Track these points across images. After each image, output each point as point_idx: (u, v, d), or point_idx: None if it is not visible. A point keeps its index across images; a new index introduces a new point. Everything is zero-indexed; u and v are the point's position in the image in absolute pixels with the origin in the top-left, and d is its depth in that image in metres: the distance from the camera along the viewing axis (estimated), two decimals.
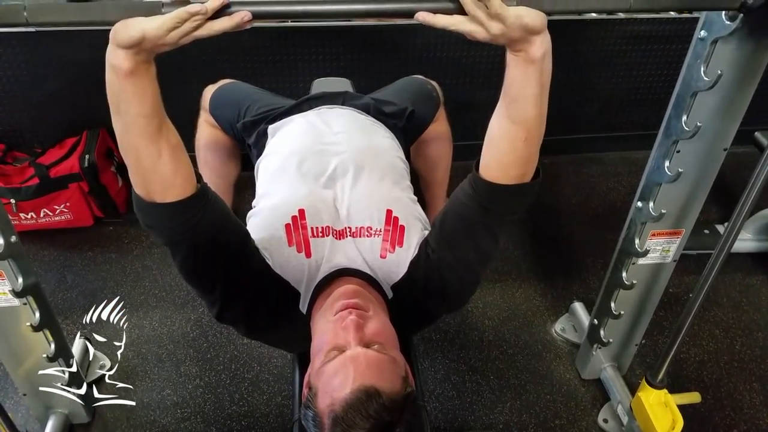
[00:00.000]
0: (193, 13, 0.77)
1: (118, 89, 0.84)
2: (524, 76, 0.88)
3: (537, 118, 0.93)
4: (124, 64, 0.80)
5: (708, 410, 1.66)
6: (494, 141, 0.97)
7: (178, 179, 0.91)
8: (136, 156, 0.89)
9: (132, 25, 0.77)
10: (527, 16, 0.80)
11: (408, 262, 1.09)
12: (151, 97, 0.86)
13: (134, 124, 0.86)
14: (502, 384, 1.71)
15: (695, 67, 1.10)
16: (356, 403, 0.84)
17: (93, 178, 2.04)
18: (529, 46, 0.84)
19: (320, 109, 1.42)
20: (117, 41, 0.78)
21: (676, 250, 1.40)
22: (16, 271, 1.20)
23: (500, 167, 0.97)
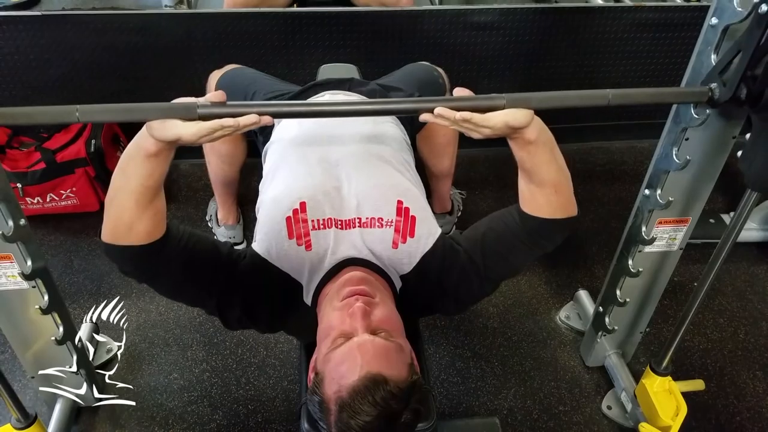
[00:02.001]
0: (226, 126, 0.85)
1: (134, 161, 0.90)
2: (529, 155, 0.97)
3: (558, 173, 1.01)
4: (151, 149, 0.87)
5: (711, 398, 1.67)
6: (527, 198, 1.04)
7: (147, 236, 0.96)
8: (119, 213, 0.94)
9: (169, 128, 0.84)
10: (513, 119, 0.89)
11: (420, 253, 1.10)
12: (160, 175, 0.92)
13: (134, 189, 0.91)
14: (506, 370, 1.72)
15: (706, 54, 1.09)
16: (363, 391, 0.85)
17: (99, 163, 2.05)
18: (522, 133, 0.93)
19: (325, 95, 1.42)
20: (152, 134, 0.86)
21: (683, 238, 1.40)
22: (25, 254, 1.20)
23: (541, 213, 1.04)
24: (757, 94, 0.99)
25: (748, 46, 0.96)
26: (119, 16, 2.00)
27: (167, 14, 2.07)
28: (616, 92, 0.97)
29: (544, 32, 2.17)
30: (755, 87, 0.98)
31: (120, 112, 0.89)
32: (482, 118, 0.88)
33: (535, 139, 0.93)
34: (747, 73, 0.98)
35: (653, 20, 2.24)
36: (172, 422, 1.56)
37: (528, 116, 0.90)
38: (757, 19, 0.93)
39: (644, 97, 1.10)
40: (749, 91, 0.99)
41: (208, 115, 0.85)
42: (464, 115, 0.88)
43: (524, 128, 0.91)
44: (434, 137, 1.75)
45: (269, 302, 1.11)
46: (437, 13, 2.12)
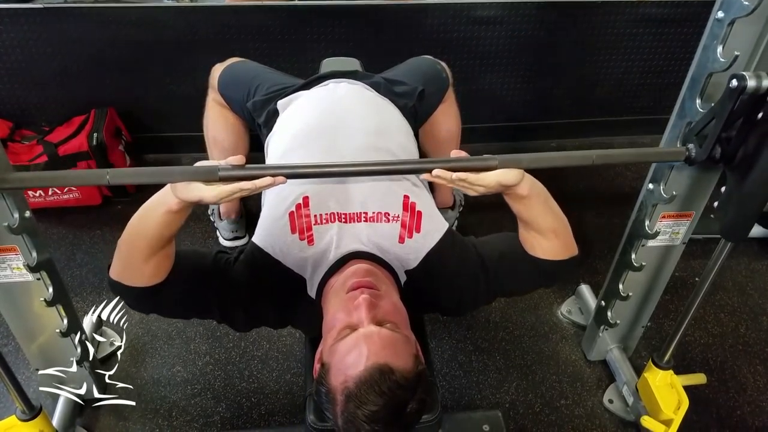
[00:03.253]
0: (245, 189, 0.92)
1: (154, 213, 0.96)
2: (524, 207, 1.04)
3: (555, 219, 1.07)
4: (173, 207, 0.94)
5: (712, 392, 1.68)
6: (531, 245, 1.09)
7: (151, 279, 1.02)
8: (131, 254, 0.99)
9: (192, 190, 0.91)
10: (505, 178, 0.96)
11: (426, 248, 1.10)
12: (177, 227, 0.99)
13: (149, 236, 0.97)
14: (508, 364, 1.73)
15: (711, 48, 1.09)
16: (370, 381, 0.85)
17: (101, 156, 2.05)
18: (514, 190, 0.99)
19: (328, 85, 1.42)
20: (177, 194, 0.92)
21: (686, 232, 1.40)
22: (31, 246, 1.21)
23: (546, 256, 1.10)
24: (730, 154, 1.09)
25: (722, 113, 1.06)
26: (121, 9, 1.99)
27: (170, 7, 2.06)
28: (600, 153, 1.07)
29: (546, 27, 2.17)
30: (729, 148, 1.08)
31: (147, 175, 0.98)
32: (477, 177, 0.95)
33: (527, 194, 1.01)
34: (721, 134, 1.07)
35: (656, 15, 2.25)
36: (175, 414, 1.57)
37: (519, 175, 0.97)
38: (729, 93, 1.03)
39: (626, 157, 1.26)
40: (723, 151, 1.09)
41: (229, 178, 0.92)
42: (460, 175, 0.95)
43: (516, 185, 0.98)
44: (437, 131, 1.75)
45: (272, 298, 1.11)
46: (440, 7, 2.11)
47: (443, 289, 1.14)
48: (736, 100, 1.02)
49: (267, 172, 0.93)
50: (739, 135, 1.06)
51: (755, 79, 0.98)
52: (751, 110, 1.03)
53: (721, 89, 1.05)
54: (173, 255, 1.04)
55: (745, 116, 1.04)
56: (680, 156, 1.15)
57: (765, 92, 0.99)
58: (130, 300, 1.06)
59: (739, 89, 1.00)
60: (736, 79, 1.00)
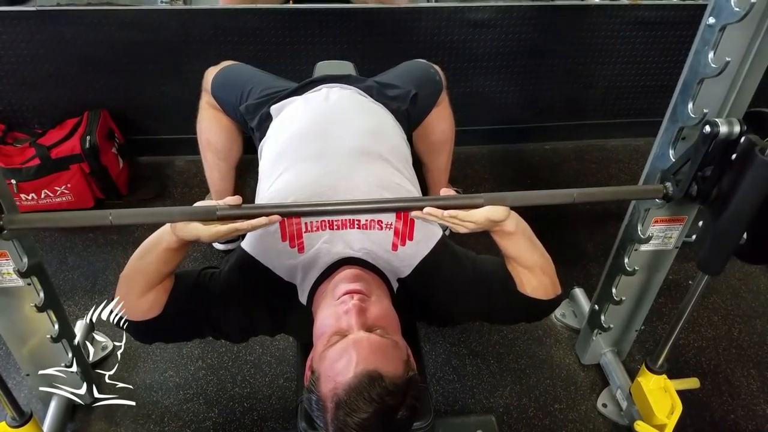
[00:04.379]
0: (240, 229, 0.98)
1: (154, 251, 1.01)
2: (511, 244, 1.08)
3: (540, 257, 1.12)
4: (173, 245, 0.99)
5: (706, 396, 1.68)
6: (521, 282, 1.13)
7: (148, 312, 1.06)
8: (128, 290, 1.04)
9: (191, 230, 0.96)
10: (493, 214, 1.01)
11: (420, 256, 1.11)
12: (175, 264, 1.04)
13: (148, 272, 1.02)
14: (502, 368, 1.72)
15: (703, 53, 1.09)
16: (359, 388, 0.85)
17: (94, 159, 2.03)
18: (502, 226, 1.04)
19: (321, 89, 1.41)
20: (176, 233, 0.97)
21: (678, 236, 1.40)
22: (21, 252, 1.20)
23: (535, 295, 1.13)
24: (706, 192, 1.15)
25: (696, 156, 1.13)
26: (114, 11, 1.98)
27: (163, 10, 2.06)
28: (581, 191, 1.15)
29: (540, 30, 2.17)
30: (704, 186, 1.15)
31: (148, 216, 1.05)
32: (466, 214, 1.00)
33: (514, 230, 1.05)
34: (697, 173, 1.14)
35: (649, 18, 2.25)
36: (167, 420, 1.56)
37: (505, 212, 1.02)
38: (702, 138, 1.10)
39: (606, 195, 1.29)
40: (699, 189, 1.16)
41: (226, 217, 0.97)
42: (451, 212, 1.00)
43: (503, 222, 1.02)
44: (431, 134, 1.75)
45: (263, 306, 1.11)
46: (434, 10, 2.11)
47: (435, 299, 1.13)
48: (710, 145, 1.09)
49: (263, 211, 0.99)
50: (713, 175, 1.13)
51: (727, 125, 1.06)
52: (723, 152, 1.10)
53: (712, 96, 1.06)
54: (170, 289, 1.07)
55: (719, 158, 1.11)
56: (658, 194, 1.21)
57: (736, 137, 1.07)
58: (131, 332, 1.10)
59: (712, 135, 1.08)
60: (709, 125, 1.07)
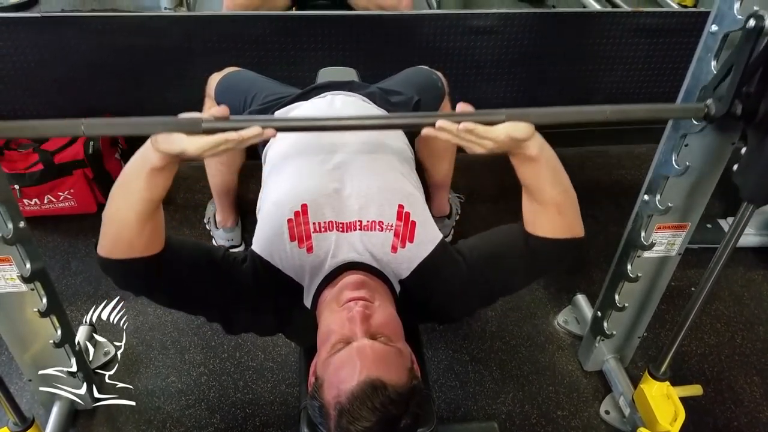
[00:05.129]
0: (230, 139, 0.87)
1: (138, 174, 0.91)
2: (532, 171, 0.98)
3: (561, 193, 1.01)
4: (156, 163, 0.88)
5: (709, 403, 1.67)
6: (531, 220, 1.05)
7: (145, 249, 0.97)
8: (119, 229, 0.95)
9: (174, 141, 0.85)
10: (515, 130, 0.91)
11: (419, 258, 1.10)
12: (163, 189, 0.93)
13: (135, 204, 0.92)
14: (504, 375, 1.72)
15: (705, 61, 1.10)
16: (362, 396, 0.85)
17: (97, 164, 2.04)
18: (524, 149, 0.95)
19: (326, 96, 1.42)
20: (157, 147, 0.87)
21: (682, 243, 1.40)
22: (24, 257, 1.20)
23: (545, 233, 1.05)
24: (751, 110, 1.01)
25: (740, 61, 0.98)
26: (118, 18, 1.99)
27: (166, 16, 2.07)
28: (614, 108, 0.98)
29: (542, 37, 2.17)
30: (749, 103, 1.00)
31: (125, 126, 0.91)
32: (485, 129, 0.90)
33: (536, 156, 0.96)
34: (741, 89, 1.00)
35: (650, 26, 2.25)
36: (169, 426, 1.55)
37: (529, 129, 0.92)
38: (746, 34, 0.94)
39: (642, 113, 1.11)
40: (744, 107, 1.01)
41: (213, 129, 0.86)
42: (467, 125, 0.89)
43: (526, 142, 0.93)
44: (433, 141, 1.74)
45: (274, 305, 1.10)
46: (436, 17, 2.12)
47: (436, 299, 1.13)
48: (755, 44, 0.92)
49: (255, 124, 0.88)
50: (760, 86, 0.97)
51: None
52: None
53: None
54: (163, 223, 0.99)
55: (765, 66, 0.95)
56: (699, 113, 1.07)
57: None
58: (124, 277, 1.01)
59: (756, 30, 0.91)
60: (754, 18, 0.91)
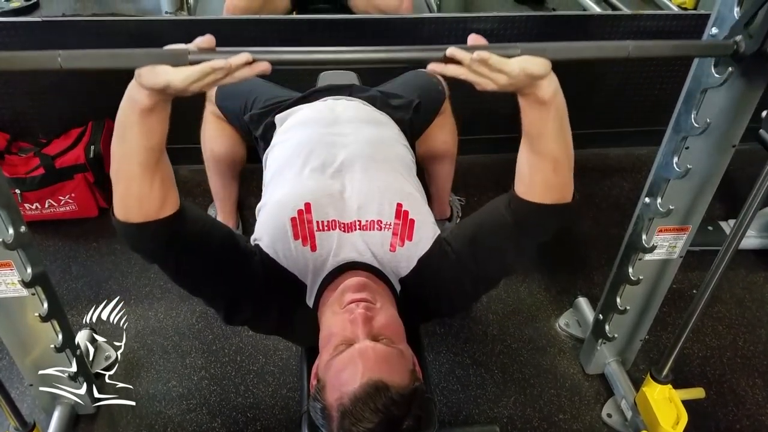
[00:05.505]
0: (217, 68, 0.80)
1: (130, 121, 0.86)
2: (539, 116, 0.92)
3: (562, 149, 0.97)
4: (145, 102, 0.83)
5: (711, 406, 1.67)
6: (524, 172, 1.00)
7: (161, 207, 0.93)
8: (127, 184, 0.91)
9: (159, 73, 0.80)
10: (531, 65, 0.84)
11: (417, 256, 1.09)
12: (160, 133, 0.89)
13: (136, 155, 0.88)
14: (506, 378, 1.72)
15: (705, 63, 1.10)
16: (365, 397, 0.85)
17: (98, 168, 2.04)
18: (537, 89, 0.88)
19: (327, 100, 1.42)
20: (141, 82, 0.81)
21: (683, 246, 1.40)
22: (25, 261, 1.20)
23: (534, 194, 1.00)
24: None
25: None
26: (119, 22, 2.00)
27: (167, 21, 2.08)
28: (637, 44, 0.91)
29: (542, 40, 2.15)
30: None
31: (106, 58, 0.84)
32: (499, 60, 0.82)
33: (549, 100, 0.89)
34: None
35: (650, 28, 2.25)
36: (170, 430, 1.55)
37: (545, 66, 0.86)
38: None
39: (666, 50, 1.04)
40: None
41: (200, 61, 0.80)
42: (481, 54, 0.81)
43: (540, 81, 0.87)
44: (433, 143, 1.76)
45: (277, 302, 1.10)
46: (437, 20, 2.13)
47: (435, 294, 1.12)
48: None
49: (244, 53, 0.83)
50: None
51: None
52: None
53: (716, 105, 1.05)
54: (172, 177, 0.95)
55: None
56: (727, 50, 0.98)
57: None
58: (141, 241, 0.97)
59: None
60: None
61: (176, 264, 1.01)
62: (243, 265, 1.05)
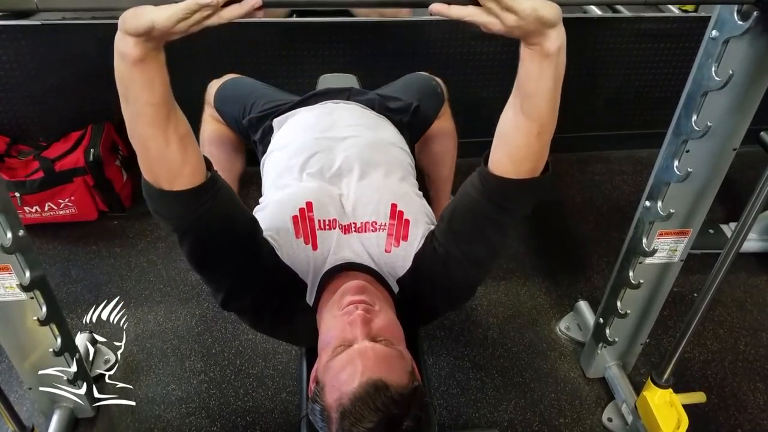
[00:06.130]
0: (203, 4, 0.75)
1: (126, 77, 0.83)
2: (539, 71, 0.87)
3: (550, 112, 0.93)
4: (134, 51, 0.79)
5: (712, 410, 1.66)
6: (506, 136, 0.96)
7: (186, 168, 0.90)
8: (144, 144, 0.88)
9: (141, 14, 0.75)
10: (542, 8, 0.79)
11: (412, 254, 1.09)
12: (161, 85, 0.85)
13: (143, 113, 0.85)
14: (506, 382, 1.71)
15: (706, 66, 1.09)
16: (364, 397, 0.84)
17: (98, 172, 2.04)
18: (544, 39, 0.83)
19: (326, 104, 1.42)
20: (125, 29, 0.77)
21: (684, 249, 1.39)
22: (24, 265, 1.20)
23: (512, 162, 0.96)
24: None
25: None
26: None
27: None
28: None
29: None
30: None
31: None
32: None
33: (552, 53, 0.84)
34: None
35: (651, 30, 2.26)
36: None
37: (556, 12, 0.80)
38: None
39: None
40: None
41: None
42: None
43: (549, 30, 0.81)
44: (433, 146, 1.75)
45: (279, 297, 1.09)
46: (436, 23, 2.12)
47: (432, 290, 1.11)
48: None
49: None
50: None
51: None
52: None
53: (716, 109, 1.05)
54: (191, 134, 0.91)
55: None
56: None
57: None
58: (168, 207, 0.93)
59: None
60: None
61: (195, 237, 0.98)
62: (257, 254, 1.04)
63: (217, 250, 1.00)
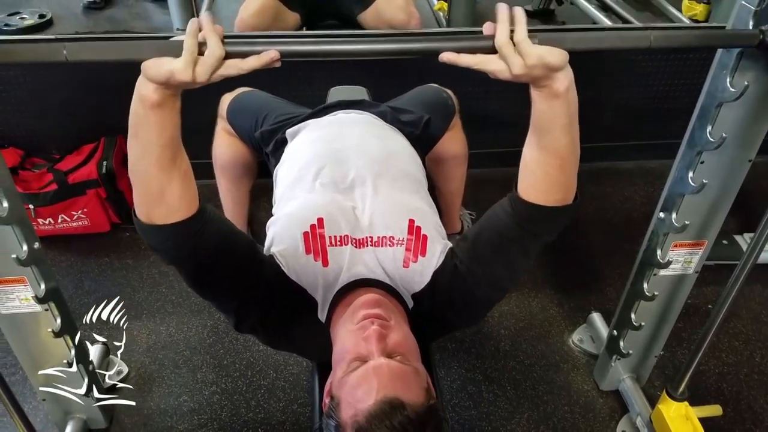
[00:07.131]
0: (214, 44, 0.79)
1: (141, 117, 0.86)
2: (551, 110, 0.89)
3: (569, 146, 0.94)
4: (153, 96, 0.82)
5: (728, 423, 1.64)
6: (529, 169, 0.98)
7: (182, 204, 0.93)
8: (145, 182, 0.91)
9: (162, 63, 0.79)
10: (549, 55, 0.81)
11: (431, 271, 1.09)
12: (172, 128, 0.88)
13: (151, 152, 0.88)
14: (519, 395, 1.70)
15: (720, 78, 1.09)
16: (380, 415, 0.83)
17: (110, 184, 2.06)
18: (552, 82, 0.85)
19: (337, 114, 1.43)
20: (147, 75, 0.81)
21: (699, 261, 1.38)
22: (39, 278, 1.20)
23: (538, 193, 0.98)
24: None
25: None
26: (132, 39, 2.02)
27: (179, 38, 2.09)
28: (658, 34, 0.89)
29: None
30: None
31: (112, 51, 0.84)
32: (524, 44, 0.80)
33: (563, 93, 0.86)
34: None
35: None
36: None
37: (563, 57, 0.82)
38: None
39: (689, 39, 1.00)
40: None
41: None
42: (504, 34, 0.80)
43: (557, 72, 0.83)
44: (444, 158, 1.75)
45: (282, 314, 1.09)
46: (445, 35, 2.13)
47: (449, 307, 1.10)
48: None
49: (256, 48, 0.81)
50: None
51: None
52: None
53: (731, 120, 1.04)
54: (191, 173, 0.94)
55: None
56: (753, 40, 0.94)
57: None
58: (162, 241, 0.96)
59: None
60: None
61: (196, 267, 1.00)
62: (257, 272, 1.05)
63: (214, 274, 1.02)
